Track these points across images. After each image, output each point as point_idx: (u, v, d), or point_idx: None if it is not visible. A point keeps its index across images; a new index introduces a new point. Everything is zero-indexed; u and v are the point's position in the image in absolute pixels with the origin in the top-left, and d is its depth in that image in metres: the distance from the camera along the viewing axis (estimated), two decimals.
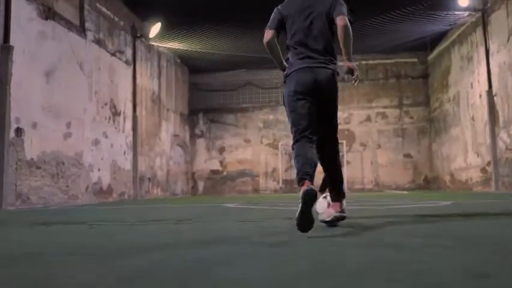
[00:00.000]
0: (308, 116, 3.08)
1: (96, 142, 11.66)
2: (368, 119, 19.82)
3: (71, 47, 10.56)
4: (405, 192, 15.65)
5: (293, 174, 5.61)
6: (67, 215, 5.69)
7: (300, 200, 2.65)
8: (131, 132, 13.93)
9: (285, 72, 3.23)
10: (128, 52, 13.99)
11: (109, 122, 12.46)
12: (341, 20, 3.09)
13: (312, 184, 2.78)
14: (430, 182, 19.18)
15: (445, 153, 17.49)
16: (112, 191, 12.46)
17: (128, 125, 13.78)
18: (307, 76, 3.08)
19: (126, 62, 13.77)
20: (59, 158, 9.96)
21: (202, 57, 16.48)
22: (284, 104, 3.26)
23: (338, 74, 3.20)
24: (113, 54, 12.90)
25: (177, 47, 15.66)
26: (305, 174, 2.85)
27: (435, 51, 18.46)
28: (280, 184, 19.86)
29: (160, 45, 15.67)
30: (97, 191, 11.58)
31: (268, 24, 3.28)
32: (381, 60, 20.02)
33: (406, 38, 16.33)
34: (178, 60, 18.87)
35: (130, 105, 13.94)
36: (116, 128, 12.91)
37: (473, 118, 14.57)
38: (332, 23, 3.18)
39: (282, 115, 20.34)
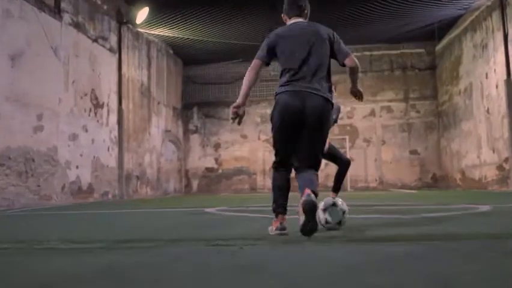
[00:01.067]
0: (290, 143, 3.08)
1: (74, 137, 10.51)
2: (372, 113, 18.67)
3: (43, 29, 9.40)
4: (414, 191, 14.50)
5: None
6: None
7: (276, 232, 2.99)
8: (116, 127, 12.77)
9: (276, 91, 3.14)
10: (113, 39, 12.82)
11: (89, 115, 11.30)
12: (352, 61, 3.14)
13: (284, 219, 3.06)
14: (438, 180, 18.04)
15: (455, 149, 16.35)
16: (93, 191, 11.31)
17: (113, 118, 12.63)
18: (297, 101, 3.00)
19: (110, 49, 12.61)
20: (28, 154, 8.81)
21: (195, 46, 15.35)
22: (271, 121, 3.17)
23: (333, 105, 3.13)
24: (95, 41, 11.73)
25: (167, 34, 14.51)
26: (280, 207, 3.08)
27: (444, 41, 17.31)
28: None
29: (147, 31, 14.50)
30: (75, 190, 10.43)
31: (258, 53, 3.18)
32: (386, 50, 18.86)
33: (413, 24, 15.22)
34: (171, 51, 17.70)
35: (114, 97, 12.78)
36: (98, 121, 11.75)
37: (488, 111, 13.42)
38: (329, 53, 3.15)
39: None
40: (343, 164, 5.80)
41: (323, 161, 4.31)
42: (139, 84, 14.61)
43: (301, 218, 2.65)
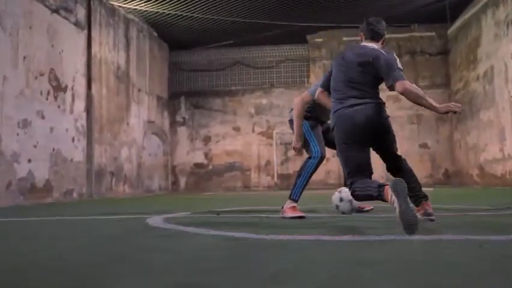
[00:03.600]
0: (364, 159, 3.13)
1: (25, 124, 8.72)
2: None
3: None
4: (430, 189, 12.72)
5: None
6: None
7: (393, 196, 2.48)
8: (83, 114, 10.99)
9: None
10: (80, 12, 11.03)
11: (47, 99, 9.51)
12: (401, 87, 3.02)
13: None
14: (451, 176, 16.31)
15: (471, 142, 14.60)
16: (52, 189, 9.53)
17: (80, 104, 10.84)
18: (352, 119, 3.10)
19: (76, 24, 10.81)
20: None
21: (179, 24, 13.58)
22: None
23: (384, 103, 3.27)
24: (56, 11, 9.94)
25: (145, 8, 12.69)
26: (381, 183, 2.81)
27: (458, 22, 15.55)
28: (275, 179, 16.98)
29: (122, 5, 12.69)
30: (25, 189, 8.65)
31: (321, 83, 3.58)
32: (393, 34, 17.02)
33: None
34: (154, 33, 15.89)
35: (82, 80, 10.99)
36: (59, 107, 9.96)
37: None
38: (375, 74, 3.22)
39: (276, 99, 17.46)
40: None
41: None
42: (114, 68, 12.81)
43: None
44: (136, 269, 1.65)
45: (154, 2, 12.12)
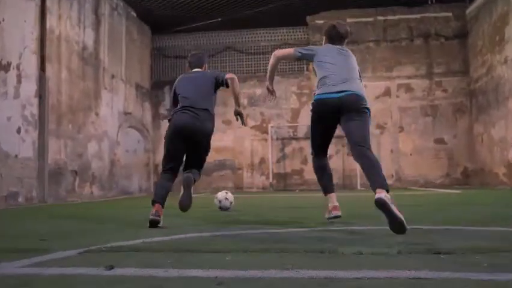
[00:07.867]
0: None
1: None
2: (387, 92, 14.93)
3: None
4: (458, 191, 10.71)
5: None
6: None
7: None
8: (35, 101, 8.99)
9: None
10: None
11: None
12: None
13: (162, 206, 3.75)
14: (470, 175, 14.36)
15: (497, 136, 12.64)
16: None
17: (29, 88, 8.84)
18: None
19: None
20: None
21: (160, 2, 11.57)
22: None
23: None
24: None
25: None
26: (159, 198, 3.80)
27: (479, 0, 13.61)
28: (271, 179, 15.01)
29: None
30: None
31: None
32: (403, 15, 15.15)
33: None
34: (133, 13, 13.93)
35: (32, 58, 8.98)
36: None
37: None
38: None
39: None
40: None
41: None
42: (78, 47, 10.82)
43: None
44: None
45: None
